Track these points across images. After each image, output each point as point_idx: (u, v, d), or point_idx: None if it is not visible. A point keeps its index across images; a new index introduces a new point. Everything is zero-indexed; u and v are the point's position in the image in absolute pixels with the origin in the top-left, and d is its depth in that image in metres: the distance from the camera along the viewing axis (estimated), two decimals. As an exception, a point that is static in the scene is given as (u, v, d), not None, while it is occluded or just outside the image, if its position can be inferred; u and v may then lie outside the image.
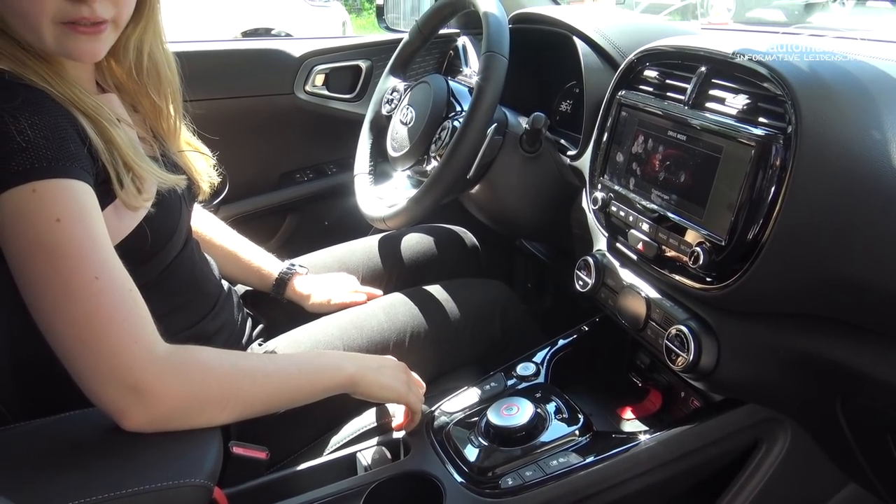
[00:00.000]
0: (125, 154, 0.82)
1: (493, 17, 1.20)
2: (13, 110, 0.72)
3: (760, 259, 0.84)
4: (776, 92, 0.86)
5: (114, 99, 0.95)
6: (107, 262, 0.73)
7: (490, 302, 1.32)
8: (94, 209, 0.75)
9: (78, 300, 0.70)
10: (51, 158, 0.72)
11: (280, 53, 1.71)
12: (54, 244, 0.71)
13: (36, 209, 0.71)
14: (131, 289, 0.75)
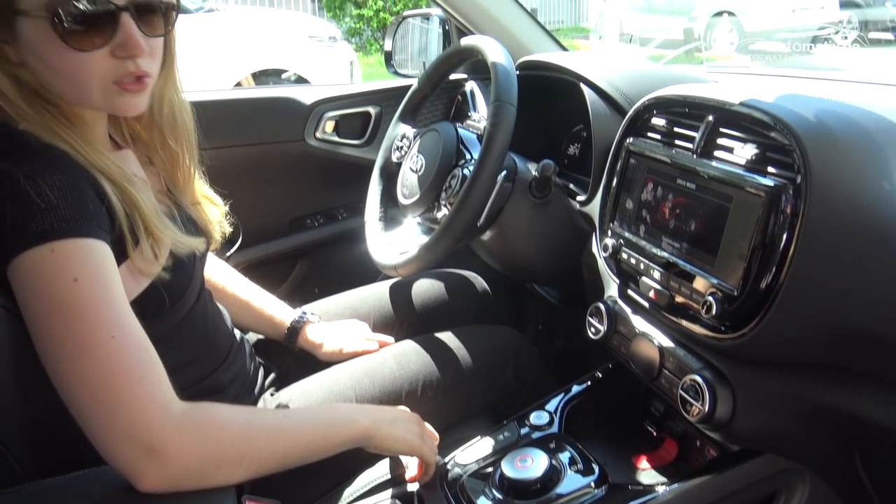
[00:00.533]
0: (148, 218, 0.84)
1: (500, 67, 1.21)
2: (33, 172, 0.73)
3: (774, 309, 0.84)
4: (784, 142, 0.86)
5: (129, 155, 0.97)
6: (123, 321, 0.74)
7: (502, 349, 1.32)
8: (111, 268, 0.76)
9: (94, 360, 0.71)
10: (69, 218, 0.73)
11: (291, 101, 1.74)
12: (71, 304, 0.71)
13: (54, 269, 0.71)
14: (147, 347, 0.75)
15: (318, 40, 5.97)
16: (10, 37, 0.79)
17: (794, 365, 0.89)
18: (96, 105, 0.84)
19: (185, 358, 0.99)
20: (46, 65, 0.80)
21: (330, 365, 1.25)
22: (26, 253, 0.71)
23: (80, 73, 0.80)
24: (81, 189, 0.77)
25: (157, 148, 1.01)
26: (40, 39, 0.78)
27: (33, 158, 0.75)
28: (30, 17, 0.77)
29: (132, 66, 0.81)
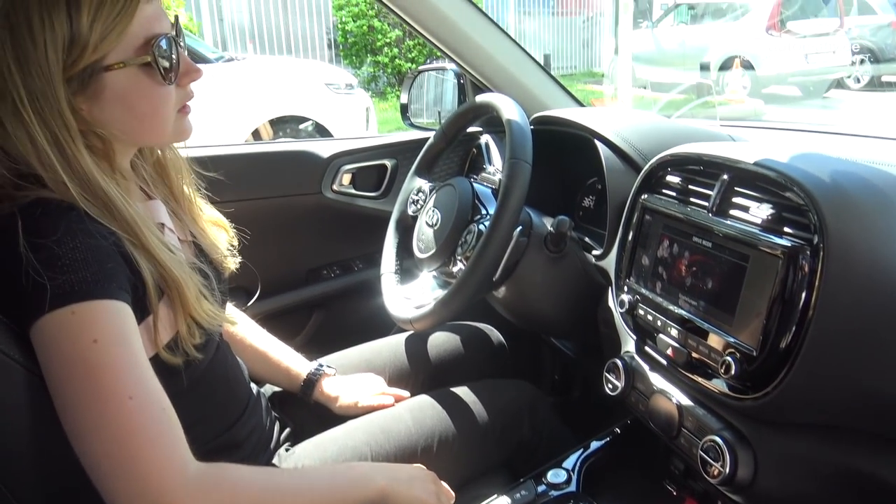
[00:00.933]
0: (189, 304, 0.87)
1: (515, 125, 1.23)
2: (57, 241, 0.75)
3: (794, 370, 0.83)
4: (799, 202, 0.87)
5: (159, 205, 0.99)
6: (141, 382, 0.75)
7: (518, 403, 1.31)
8: (131, 328, 0.77)
9: (112, 421, 0.72)
10: (90, 280, 0.75)
11: (308, 154, 1.77)
12: (91, 365, 0.73)
13: (74, 331, 0.73)
14: (165, 407, 0.76)
15: (334, 88, 6.06)
16: (92, 98, 0.82)
17: (817, 427, 0.88)
18: (168, 136, 0.92)
19: (205, 412, 0.99)
20: (133, 110, 0.85)
21: (345, 419, 1.24)
22: (48, 315, 0.73)
23: (164, 106, 0.87)
24: (104, 250, 0.78)
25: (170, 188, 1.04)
26: (129, 86, 0.83)
27: (56, 227, 0.76)
28: (116, 69, 0.81)
29: (191, 91, 0.92)
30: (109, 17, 0.79)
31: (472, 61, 1.66)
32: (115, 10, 0.79)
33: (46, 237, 0.75)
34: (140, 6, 0.81)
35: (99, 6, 0.78)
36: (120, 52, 0.81)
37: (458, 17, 1.59)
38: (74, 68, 0.79)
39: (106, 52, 0.80)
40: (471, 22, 1.61)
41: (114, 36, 0.80)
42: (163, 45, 0.83)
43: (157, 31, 0.84)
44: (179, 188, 1.04)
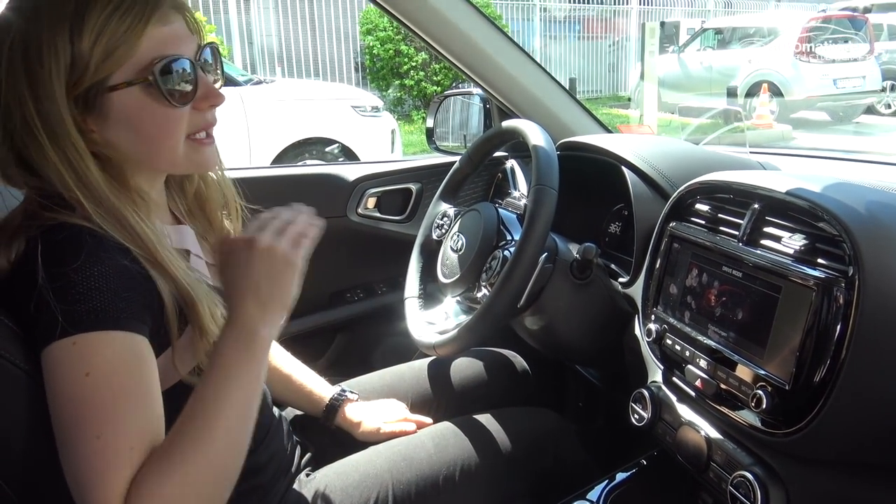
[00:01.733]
0: (205, 325, 0.85)
1: (542, 151, 1.23)
2: (74, 269, 0.75)
3: (829, 405, 0.81)
4: (833, 232, 0.85)
5: (188, 231, 0.99)
6: (116, 422, 0.73)
7: (542, 433, 1.29)
8: (133, 361, 0.76)
9: (75, 454, 0.72)
10: (99, 310, 0.74)
11: (334, 178, 1.78)
12: (76, 398, 0.73)
13: (70, 362, 0.73)
14: (133, 447, 0.72)
15: (361, 110, 6.12)
16: (100, 118, 0.83)
17: (852, 464, 0.85)
18: (180, 164, 0.89)
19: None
20: (138, 131, 0.84)
21: (367, 445, 1.23)
22: (53, 344, 0.73)
23: (172, 131, 0.85)
24: (121, 278, 0.78)
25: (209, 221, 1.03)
26: (134, 107, 0.82)
27: (77, 254, 0.76)
28: (122, 88, 0.81)
29: (211, 117, 0.89)
30: (114, 38, 0.79)
31: (499, 86, 1.66)
32: (119, 30, 0.79)
33: (65, 265, 0.75)
34: (150, 27, 0.81)
35: (104, 26, 0.79)
36: (125, 72, 0.81)
37: (484, 42, 1.60)
38: (78, 88, 0.80)
39: (110, 73, 0.80)
40: (497, 47, 1.62)
41: (118, 56, 0.80)
42: (170, 67, 0.82)
43: (167, 53, 0.82)
44: (219, 220, 1.04)
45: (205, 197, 1.03)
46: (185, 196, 1.02)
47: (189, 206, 1.03)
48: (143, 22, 0.80)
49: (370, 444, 1.23)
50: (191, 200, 1.02)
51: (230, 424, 0.77)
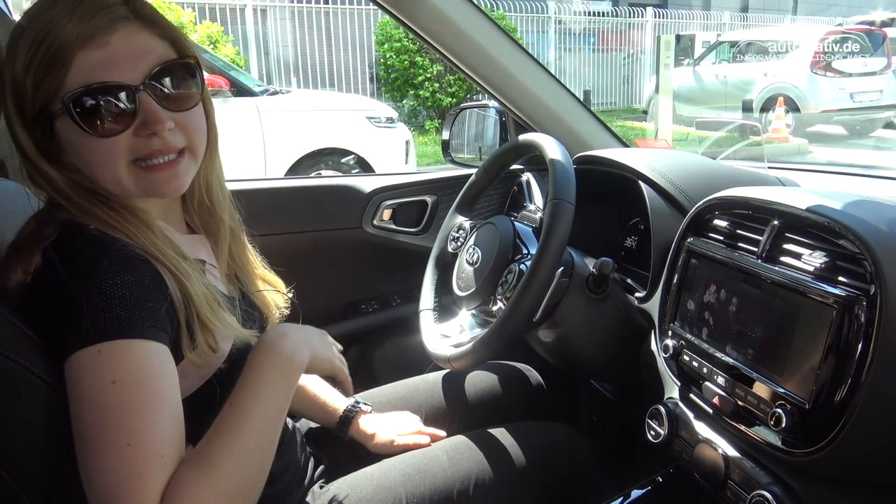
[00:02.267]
0: (200, 308, 0.85)
1: (559, 165, 1.22)
2: (98, 272, 0.76)
3: (850, 425, 0.80)
4: (854, 250, 0.84)
5: (201, 240, 1.00)
6: (145, 430, 0.73)
7: (556, 448, 1.28)
8: (159, 369, 0.77)
9: (104, 462, 0.72)
10: (123, 319, 0.75)
11: (350, 189, 1.78)
12: (103, 406, 0.73)
13: (96, 370, 0.73)
14: (164, 453, 0.73)
15: (375, 121, 6.15)
16: (57, 144, 0.84)
17: (874, 485, 0.84)
18: (132, 191, 0.85)
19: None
20: (81, 157, 0.83)
21: (380, 457, 1.23)
22: (78, 353, 0.73)
23: (106, 159, 0.82)
24: (143, 287, 0.79)
25: (217, 232, 1.04)
26: (69, 134, 0.82)
27: (100, 260, 0.77)
28: (58, 116, 0.81)
29: (158, 143, 0.83)
30: (41, 66, 0.79)
31: (515, 99, 1.67)
32: (45, 59, 0.78)
33: (87, 272, 0.76)
34: (80, 54, 0.79)
35: (34, 55, 0.79)
36: (59, 100, 0.80)
37: (500, 54, 1.60)
38: (27, 115, 0.81)
39: (46, 101, 0.80)
40: (513, 60, 1.62)
41: (46, 85, 0.79)
42: (85, 97, 0.79)
43: (99, 79, 0.79)
44: (225, 228, 1.04)
45: (207, 206, 1.02)
46: (193, 205, 1.02)
47: (200, 215, 1.03)
48: (68, 50, 0.79)
49: (384, 456, 1.23)
50: (198, 209, 1.03)
51: (261, 433, 0.81)
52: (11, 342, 0.73)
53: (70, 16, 0.79)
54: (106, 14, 0.80)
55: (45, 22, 0.79)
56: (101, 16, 0.80)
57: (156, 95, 0.83)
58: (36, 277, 0.78)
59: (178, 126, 0.85)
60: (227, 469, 0.76)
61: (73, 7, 0.79)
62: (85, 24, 0.79)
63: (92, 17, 0.79)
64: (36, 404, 0.75)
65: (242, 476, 0.78)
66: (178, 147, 0.86)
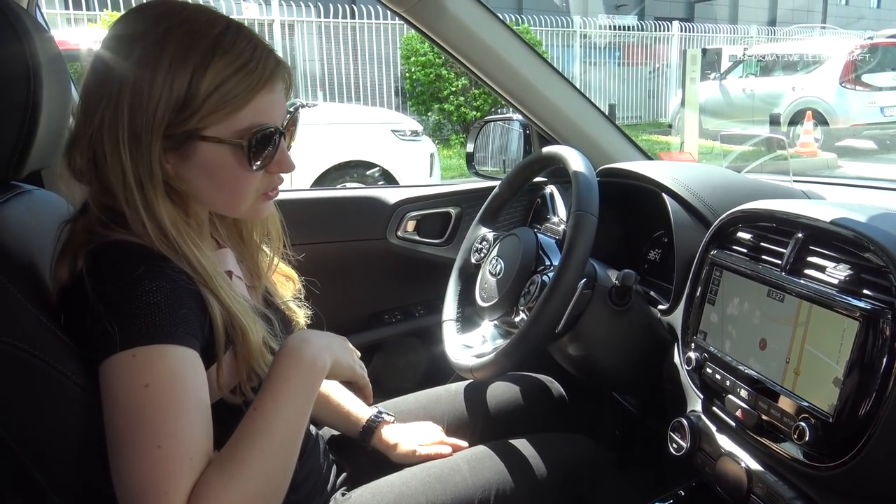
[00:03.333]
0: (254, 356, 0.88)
1: (582, 177, 1.23)
2: (134, 280, 0.78)
3: (874, 439, 0.79)
4: (879, 263, 0.84)
5: (229, 254, 1.02)
6: (176, 433, 0.75)
7: (578, 460, 1.28)
8: (189, 374, 0.79)
9: (133, 463, 0.73)
10: (157, 324, 0.77)
11: (375, 200, 1.81)
12: (135, 409, 0.75)
13: (130, 373, 0.75)
14: (192, 457, 0.75)
15: (400, 134, 6.19)
16: (181, 157, 0.86)
17: (891, 499, 0.83)
18: (242, 213, 0.94)
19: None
20: (215, 181, 0.88)
21: (402, 466, 1.24)
22: (113, 357, 0.75)
23: (246, 188, 0.90)
24: (177, 295, 0.81)
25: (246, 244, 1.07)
26: (219, 161, 0.86)
27: (136, 268, 0.79)
28: (212, 142, 0.85)
29: (278, 180, 0.94)
30: (227, 98, 0.83)
31: (539, 112, 1.68)
32: (233, 93, 0.83)
33: (124, 280, 0.78)
34: (258, 95, 0.85)
35: (224, 81, 0.82)
36: (222, 128, 0.84)
37: (524, 68, 1.61)
38: (176, 129, 0.83)
39: (210, 125, 0.84)
40: (537, 73, 1.63)
41: (223, 114, 0.83)
42: (265, 138, 0.86)
43: (264, 122, 0.86)
44: (255, 245, 1.07)
45: (242, 223, 1.06)
46: (223, 220, 1.05)
47: (227, 229, 1.06)
48: (258, 87, 0.84)
49: (405, 465, 1.24)
50: (230, 224, 1.06)
51: (285, 437, 0.83)
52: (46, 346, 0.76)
53: (261, 58, 0.85)
54: (279, 64, 0.88)
55: (237, 57, 0.83)
56: (278, 64, 0.87)
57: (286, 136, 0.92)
58: (76, 281, 0.81)
59: None
60: (251, 472, 0.78)
61: (260, 49, 0.86)
62: (270, 69, 0.86)
63: (275, 65, 0.87)
64: (68, 407, 0.77)
65: (267, 479, 0.79)
66: (282, 183, 0.96)
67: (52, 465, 0.78)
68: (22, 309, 0.76)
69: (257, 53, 0.85)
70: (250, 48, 0.85)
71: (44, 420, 0.76)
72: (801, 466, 0.88)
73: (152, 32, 0.83)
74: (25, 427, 0.75)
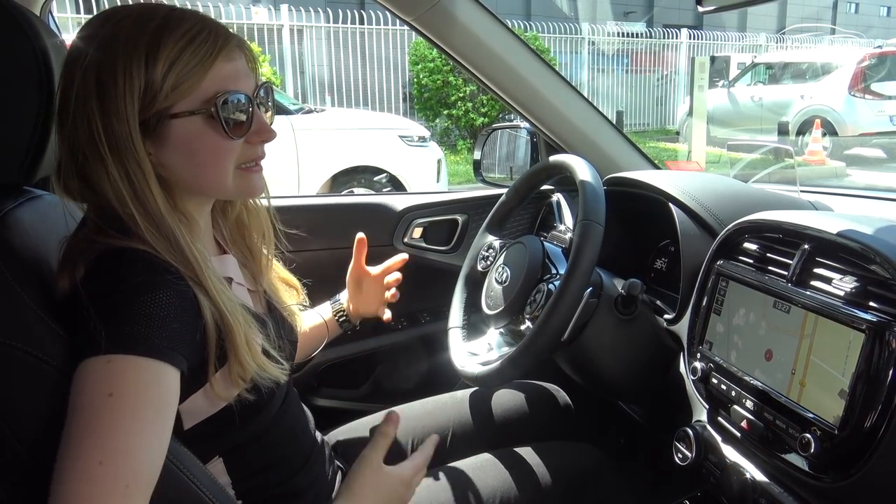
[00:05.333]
0: (239, 348, 0.86)
1: (589, 186, 1.23)
2: (132, 289, 0.78)
3: (879, 452, 0.79)
4: (885, 275, 0.84)
5: (231, 260, 1.02)
6: (121, 452, 0.71)
7: (582, 467, 1.28)
8: (159, 392, 0.76)
9: (72, 474, 0.70)
10: (142, 335, 0.75)
11: (382, 207, 1.81)
12: (91, 417, 0.72)
13: (99, 378, 0.73)
14: (129, 485, 0.70)
15: (408, 140, 6.21)
16: (158, 141, 0.87)
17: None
18: (230, 190, 0.93)
19: (268, 461, 1.01)
20: (193, 157, 0.88)
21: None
22: (89, 359, 0.74)
23: (223, 160, 0.90)
24: (174, 307, 0.79)
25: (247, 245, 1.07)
26: (193, 135, 0.87)
27: (136, 275, 0.79)
28: (184, 117, 0.86)
29: (260, 151, 0.94)
30: (184, 70, 0.84)
31: (546, 120, 1.68)
32: (190, 64, 0.84)
33: (121, 287, 0.78)
34: (217, 64, 0.86)
35: (176, 58, 0.83)
36: (189, 102, 0.85)
37: (531, 76, 1.62)
38: (146, 113, 0.84)
39: (176, 101, 0.85)
40: (544, 81, 1.63)
41: (186, 87, 0.84)
42: (230, 101, 0.87)
43: (229, 88, 0.87)
44: (257, 248, 1.07)
45: (245, 223, 1.07)
46: (226, 221, 1.06)
47: (231, 232, 1.06)
48: (212, 57, 0.85)
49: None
50: (232, 226, 1.06)
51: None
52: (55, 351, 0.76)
53: (210, 30, 0.86)
54: (231, 35, 0.89)
55: (185, 32, 0.85)
56: (229, 35, 0.89)
57: (260, 109, 0.92)
58: (77, 286, 0.81)
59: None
60: None
61: (208, 23, 0.88)
62: (223, 38, 0.87)
63: (226, 35, 0.88)
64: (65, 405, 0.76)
65: None
66: (264, 156, 0.96)
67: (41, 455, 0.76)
68: (32, 314, 0.76)
69: (207, 25, 0.87)
70: (199, 22, 0.86)
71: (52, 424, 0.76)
72: (807, 478, 0.88)
73: (101, 31, 0.85)
74: (34, 431, 0.75)
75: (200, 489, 0.81)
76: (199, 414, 0.88)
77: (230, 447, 0.95)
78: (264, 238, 1.08)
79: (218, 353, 0.85)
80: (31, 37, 0.87)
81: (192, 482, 0.80)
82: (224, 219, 1.06)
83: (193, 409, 0.87)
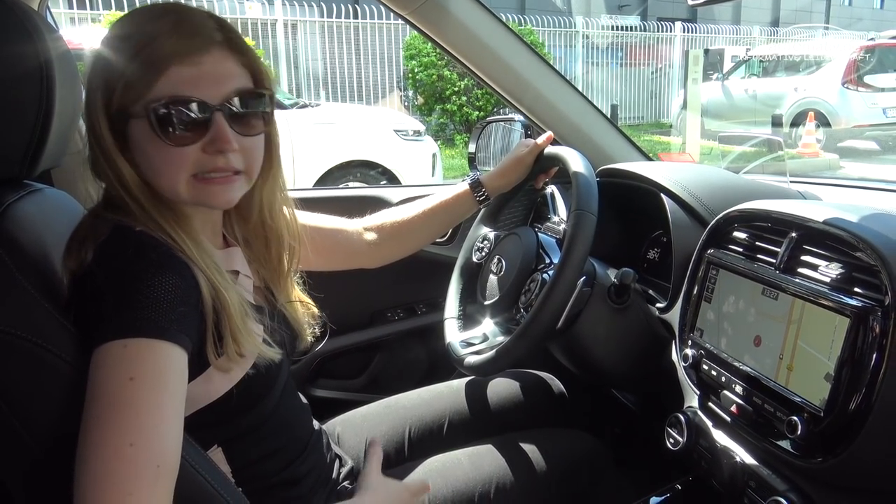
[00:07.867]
0: (234, 322, 0.88)
1: (582, 177, 1.25)
2: (139, 271, 0.79)
3: (864, 433, 0.82)
4: (869, 262, 0.86)
5: (237, 252, 1.03)
6: (152, 432, 0.73)
7: (577, 455, 1.30)
8: (175, 375, 0.77)
9: (103, 458, 0.71)
10: (153, 319, 0.77)
11: (378, 200, 1.83)
12: (115, 401, 0.73)
13: (118, 363, 0.74)
14: (161, 464, 0.72)
15: (402, 134, 6.21)
16: (126, 142, 0.89)
17: (881, 492, 0.86)
18: (185, 198, 0.90)
19: (267, 450, 1.02)
20: (148, 160, 0.89)
21: (404, 460, 1.26)
22: (105, 345, 0.75)
23: (171, 167, 0.88)
24: (180, 290, 0.81)
25: (263, 251, 1.08)
26: (143, 137, 0.87)
27: (141, 258, 0.81)
28: (136, 118, 0.87)
29: (221, 162, 0.89)
30: (137, 70, 0.85)
31: (540, 113, 1.70)
32: (143, 65, 0.85)
33: (128, 270, 0.80)
34: (173, 68, 0.84)
35: (131, 60, 0.85)
36: (142, 104, 0.85)
37: (525, 70, 1.63)
38: (109, 110, 0.87)
39: (131, 103, 0.86)
40: (538, 75, 1.65)
41: (136, 90, 0.85)
42: (172, 108, 0.84)
43: (179, 94, 0.85)
44: (278, 255, 1.08)
45: (269, 227, 1.06)
46: (245, 223, 1.06)
47: (248, 234, 1.07)
48: (164, 62, 0.84)
49: (408, 459, 1.27)
50: (252, 229, 1.06)
51: None
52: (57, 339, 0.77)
53: (172, 32, 0.85)
54: (204, 36, 0.87)
55: (149, 32, 0.85)
56: (200, 37, 0.87)
57: (228, 117, 0.88)
58: (84, 272, 0.82)
59: (241, 149, 0.91)
60: None
61: (176, 23, 0.86)
62: (185, 41, 0.85)
63: (192, 37, 0.86)
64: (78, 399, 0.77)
65: None
66: (237, 168, 0.91)
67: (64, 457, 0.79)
68: (34, 304, 0.77)
69: (183, 27, 0.86)
70: (178, 22, 0.86)
71: (55, 412, 0.77)
72: (794, 460, 0.90)
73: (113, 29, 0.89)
74: (39, 419, 0.77)
75: (204, 475, 0.82)
76: (198, 401, 0.89)
77: (229, 436, 0.96)
78: (284, 246, 1.08)
79: (215, 334, 0.86)
80: (31, 32, 0.88)
81: (195, 469, 0.81)
82: (242, 220, 1.06)
83: (193, 396, 0.88)
